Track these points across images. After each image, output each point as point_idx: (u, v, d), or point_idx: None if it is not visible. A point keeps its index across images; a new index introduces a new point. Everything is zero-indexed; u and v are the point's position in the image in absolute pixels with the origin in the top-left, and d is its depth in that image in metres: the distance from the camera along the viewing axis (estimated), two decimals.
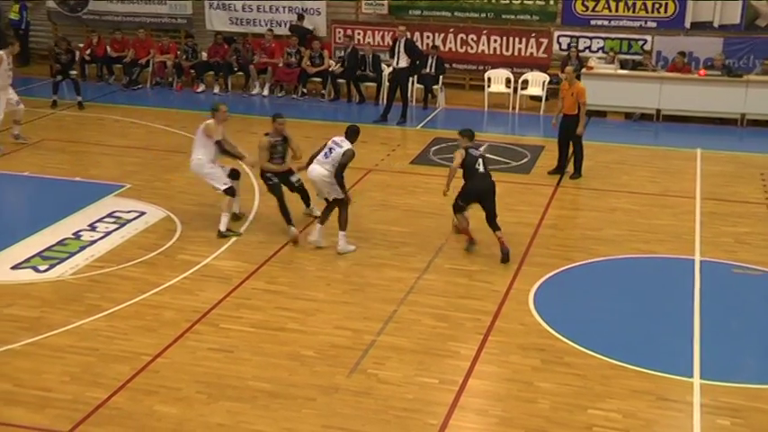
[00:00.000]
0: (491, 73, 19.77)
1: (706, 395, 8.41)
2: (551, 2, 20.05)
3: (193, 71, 20.89)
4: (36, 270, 11.04)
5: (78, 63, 20.56)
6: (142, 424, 7.90)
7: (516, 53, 20.26)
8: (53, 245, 11.71)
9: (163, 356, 8.95)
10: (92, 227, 12.31)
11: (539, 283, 10.78)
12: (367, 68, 19.79)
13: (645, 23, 19.62)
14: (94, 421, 7.90)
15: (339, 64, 20.11)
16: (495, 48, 20.39)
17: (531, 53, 20.15)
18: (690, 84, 18.15)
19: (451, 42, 20.65)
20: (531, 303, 10.27)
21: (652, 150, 16.70)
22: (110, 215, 12.70)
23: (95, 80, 21.30)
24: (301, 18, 21.04)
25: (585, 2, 19.83)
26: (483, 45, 20.47)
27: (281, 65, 20.33)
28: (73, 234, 12.06)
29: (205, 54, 21.05)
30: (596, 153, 15.59)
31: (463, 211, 11.69)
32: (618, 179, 14.77)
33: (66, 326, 9.61)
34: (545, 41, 20.05)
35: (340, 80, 20.14)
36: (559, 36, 20.02)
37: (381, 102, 19.22)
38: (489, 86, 19.60)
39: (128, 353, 9.04)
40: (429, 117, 18.68)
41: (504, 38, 20.33)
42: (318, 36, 20.94)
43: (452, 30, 20.63)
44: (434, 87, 19.61)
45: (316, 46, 20.26)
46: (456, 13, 20.73)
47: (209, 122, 12.13)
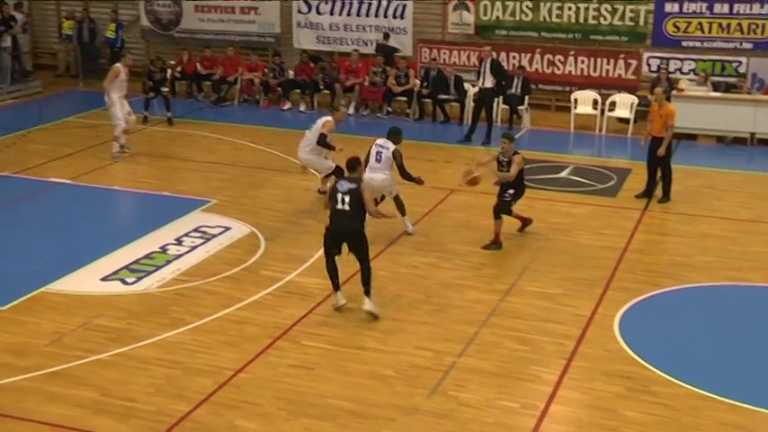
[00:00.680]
0: (577, 94, 19.52)
1: None
2: (641, 23, 19.71)
3: (280, 89, 21.14)
4: (124, 282, 11.26)
5: (169, 80, 21.02)
6: None
7: (604, 74, 19.95)
8: (141, 258, 11.94)
9: (245, 371, 9.02)
10: (178, 241, 12.52)
11: (624, 309, 10.53)
12: (450, 89, 19.76)
13: (740, 45, 19.12)
14: None
15: (422, 85, 20.13)
16: (582, 69, 20.12)
17: (620, 74, 19.82)
18: None
19: (538, 63, 20.46)
20: (617, 329, 10.03)
21: (745, 175, 16.23)
22: (196, 230, 12.90)
23: (185, 97, 21.72)
24: (387, 37, 21.14)
25: (677, 23, 19.44)
26: (570, 66, 20.22)
27: (367, 83, 20.45)
28: (160, 248, 12.28)
29: (292, 72, 21.30)
30: (686, 177, 15.21)
31: None
32: (708, 204, 14.38)
33: (151, 338, 9.76)
34: (634, 63, 19.70)
35: (425, 99, 20.15)
36: (649, 57, 19.65)
37: (465, 122, 19.16)
38: (576, 108, 19.35)
39: (211, 367, 9.13)
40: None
41: (591, 59, 20.05)
42: (404, 55, 20.98)
43: (539, 50, 20.43)
44: (520, 108, 19.45)
45: (401, 65, 20.32)
46: (543, 34, 20.54)
47: (329, 119, 13.82)
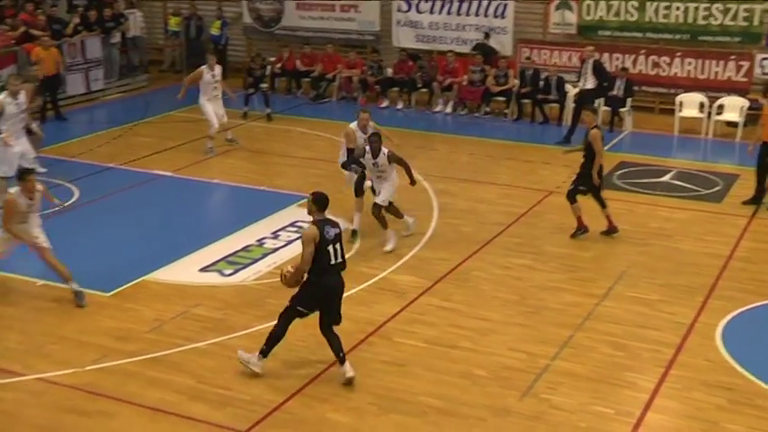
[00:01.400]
0: (683, 97, 19.01)
1: None
2: (756, 23, 19.06)
3: (378, 87, 21.23)
4: (221, 274, 11.47)
5: (269, 77, 21.32)
6: (315, 430, 8.03)
7: (712, 76, 19.36)
8: (238, 250, 12.14)
9: (337, 366, 9.06)
10: (274, 235, 12.68)
11: (728, 319, 10.20)
12: (551, 91, 19.50)
13: None
14: (270, 423, 8.10)
15: (520, 85, 19.92)
16: (688, 70, 19.56)
17: (729, 76, 19.19)
18: None
19: (642, 64, 19.98)
20: (719, 339, 9.73)
21: None
22: (292, 224, 13.04)
23: (284, 93, 22.00)
24: (488, 37, 20.99)
25: None
26: (676, 67, 19.68)
27: (465, 83, 20.35)
28: (257, 241, 12.46)
29: (390, 70, 21.36)
30: None
31: None
32: None
33: (247, 329, 9.91)
34: (746, 64, 19.06)
35: (524, 100, 19.94)
36: (763, 59, 18.98)
37: (565, 123, 18.88)
38: (681, 111, 18.85)
39: (304, 360, 9.23)
40: (615, 140, 18.14)
41: (699, 60, 19.47)
42: (504, 55, 20.80)
43: (643, 51, 19.96)
44: (622, 110, 19.05)
45: (501, 65, 20.15)
46: (648, 34, 20.07)
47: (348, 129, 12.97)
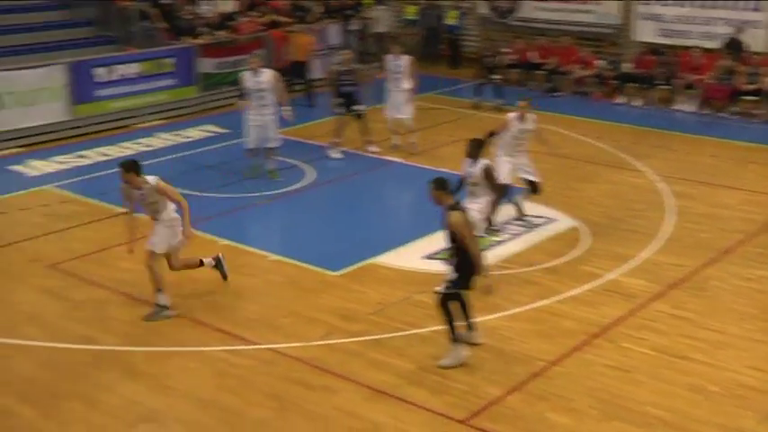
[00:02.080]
0: None
1: None
2: None
3: (615, 82, 20.57)
4: (446, 262, 11.48)
5: (502, 67, 21.17)
6: (533, 428, 7.87)
7: None
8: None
9: (558, 365, 8.85)
10: (501, 227, 12.57)
11: None
12: None
13: None
14: (488, 416, 8.02)
15: None
16: None
17: None
18: None
19: None
20: None
21: None
22: (519, 218, 12.87)
23: (516, 85, 21.79)
24: (740, 31, 19.75)
25: None
26: None
27: (711, 81, 19.27)
28: (483, 233, 12.39)
29: (628, 65, 20.61)
30: None
31: None
32: None
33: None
34: None
35: None
36: None
37: None
38: None
39: (523, 355, 9.06)
40: None
41: None
42: (757, 51, 19.49)
43: None
44: None
45: (753, 61, 18.90)
46: None
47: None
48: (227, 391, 8.44)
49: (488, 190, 10.98)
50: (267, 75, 14.21)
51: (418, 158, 15.79)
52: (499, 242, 12.02)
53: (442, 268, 11.11)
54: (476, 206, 10.60)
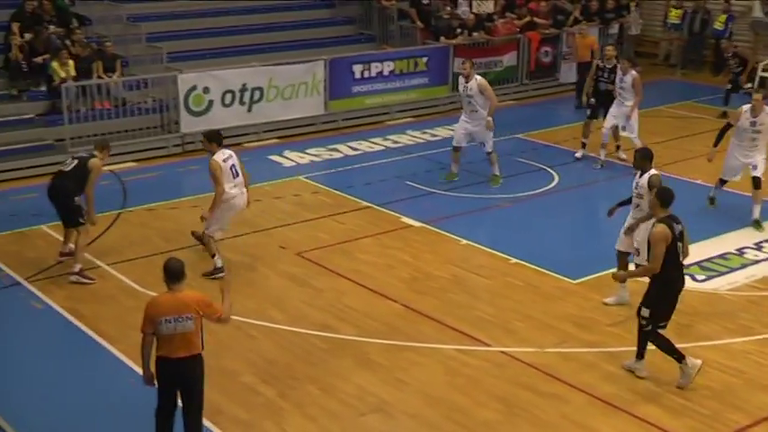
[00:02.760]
0: None
1: None
2: None
3: None
4: (693, 278, 10.87)
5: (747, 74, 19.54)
6: None
7: None
8: (714, 257, 11.45)
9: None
10: (757, 246, 11.77)
11: None
12: None
13: None
14: None
15: None
16: None
17: None
18: None
19: None
20: None
21: None
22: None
23: None
24: None
25: None
26: None
27: None
28: (736, 250, 11.66)
29: None
30: None
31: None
32: None
33: (714, 340, 9.31)
34: None
35: None
36: None
37: None
38: None
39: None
40: None
41: None
42: None
43: None
44: None
45: None
46: None
47: None
48: (456, 390, 8.43)
49: None
50: (477, 82, 13.81)
51: (671, 168, 15.06)
52: (754, 261, 11.24)
53: (689, 284, 10.60)
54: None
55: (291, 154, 15.94)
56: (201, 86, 15.94)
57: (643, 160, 9.78)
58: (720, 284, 10.69)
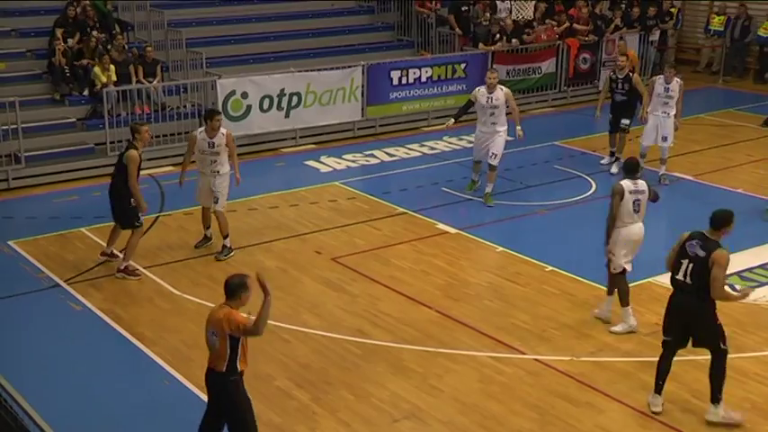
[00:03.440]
0: None
1: None
2: None
3: None
4: (733, 289, 10.68)
5: None
6: None
7: None
8: (754, 267, 11.31)
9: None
10: None
11: None
12: None
13: None
14: None
15: None
16: None
17: None
18: None
19: None
20: None
21: None
22: None
23: None
24: None
25: None
26: None
27: None
28: None
29: None
30: None
31: None
32: None
33: (755, 352, 9.18)
34: None
35: None
36: None
37: None
38: None
39: None
40: None
41: None
42: None
43: None
44: None
45: None
46: None
47: None
48: (490, 398, 8.39)
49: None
50: (503, 92, 13.40)
51: (711, 177, 14.90)
52: None
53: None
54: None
55: (328, 159, 15.99)
56: (240, 92, 16.05)
57: (627, 170, 9.76)
58: (762, 294, 10.53)
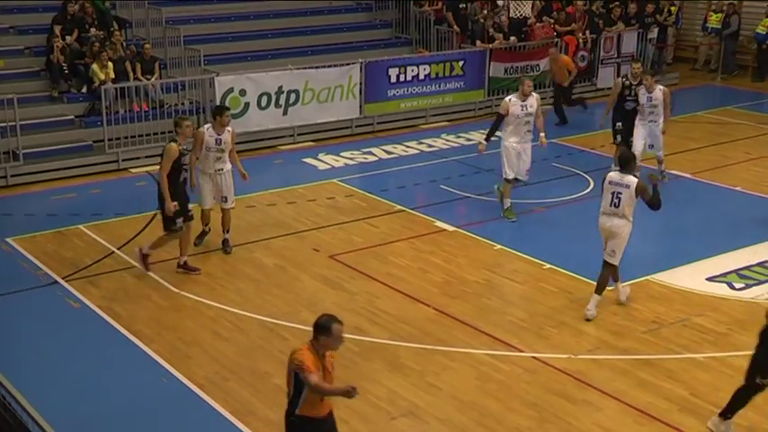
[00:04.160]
0: None
1: None
2: None
3: None
4: (731, 286, 10.77)
5: None
6: None
7: None
8: (752, 265, 11.31)
9: None
10: None
11: None
12: None
13: None
14: None
15: None
16: None
17: None
18: None
19: None
20: None
21: None
22: None
23: None
24: None
25: None
26: None
27: None
28: None
29: None
30: None
31: None
32: None
33: (752, 350, 9.08)
34: None
35: None
36: None
37: None
38: None
39: None
40: None
41: None
42: None
43: None
44: None
45: None
46: None
47: None
48: (487, 395, 8.40)
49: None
50: (535, 98, 12.61)
51: (708, 175, 14.90)
52: None
53: (727, 292, 10.49)
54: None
55: (326, 157, 15.98)
56: (238, 89, 16.05)
57: (623, 163, 9.91)
58: (760, 293, 10.55)
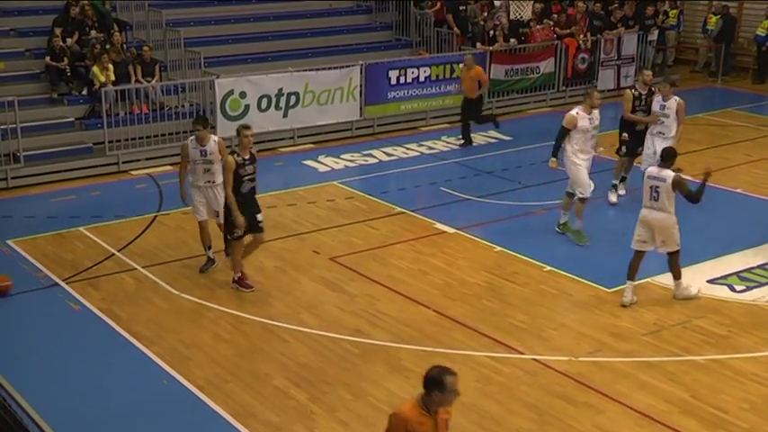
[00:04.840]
0: None
1: None
2: None
3: None
4: (731, 289, 10.75)
5: None
6: None
7: None
8: (753, 267, 11.30)
9: None
10: None
11: None
12: None
13: None
14: None
15: None
16: None
17: None
18: None
19: None
20: None
21: None
22: None
23: None
24: None
25: None
26: None
27: None
28: None
29: None
30: None
31: None
32: None
33: (752, 352, 9.15)
34: None
35: None
36: None
37: None
38: None
39: None
40: None
41: None
42: None
43: None
44: None
45: None
46: None
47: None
48: (488, 397, 8.38)
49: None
50: (599, 113, 12.02)
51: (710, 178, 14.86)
52: None
53: (728, 295, 10.48)
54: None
55: (326, 159, 15.97)
56: (238, 91, 16.04)
57: (665, 157, 10.18)
58: (761, 295, 10.53)
